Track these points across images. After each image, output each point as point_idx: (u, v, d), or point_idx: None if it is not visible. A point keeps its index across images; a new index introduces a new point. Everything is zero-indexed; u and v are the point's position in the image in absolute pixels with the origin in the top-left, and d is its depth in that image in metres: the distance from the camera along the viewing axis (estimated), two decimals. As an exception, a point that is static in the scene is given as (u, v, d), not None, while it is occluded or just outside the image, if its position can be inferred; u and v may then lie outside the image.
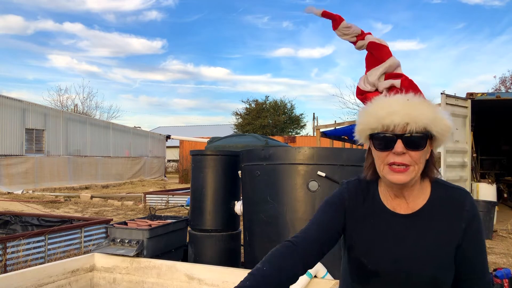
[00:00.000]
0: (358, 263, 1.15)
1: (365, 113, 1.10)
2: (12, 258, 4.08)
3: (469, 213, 1.10)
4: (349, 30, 1.17)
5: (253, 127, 28.09)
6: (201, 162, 3.76)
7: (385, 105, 1.06)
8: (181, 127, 47.83)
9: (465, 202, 1.11)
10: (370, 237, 1.15)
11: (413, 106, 1.04)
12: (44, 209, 9.97)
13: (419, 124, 1.03)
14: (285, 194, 2.88)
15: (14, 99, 15.34)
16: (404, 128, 1.03)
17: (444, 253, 1.08)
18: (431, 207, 1.12)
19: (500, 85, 26.08)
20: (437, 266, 1.07)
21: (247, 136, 6.70)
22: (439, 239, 1.09)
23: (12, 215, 5.93)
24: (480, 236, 1.11)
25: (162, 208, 9.28)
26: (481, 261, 1.11)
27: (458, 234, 1.09)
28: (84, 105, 34.05)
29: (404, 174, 1.05)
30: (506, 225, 7.82)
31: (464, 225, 1.09)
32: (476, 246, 1.10)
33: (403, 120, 1.02)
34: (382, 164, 1.08)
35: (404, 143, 1.03)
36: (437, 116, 1.06)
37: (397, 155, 1.04)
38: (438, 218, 1.11)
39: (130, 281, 3.14)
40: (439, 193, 1.13)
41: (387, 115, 1.04)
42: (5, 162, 14.54)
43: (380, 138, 1.06)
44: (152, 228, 3.38)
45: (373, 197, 1.18)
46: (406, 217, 1.12)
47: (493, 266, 5.09)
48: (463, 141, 7.86)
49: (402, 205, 1.14)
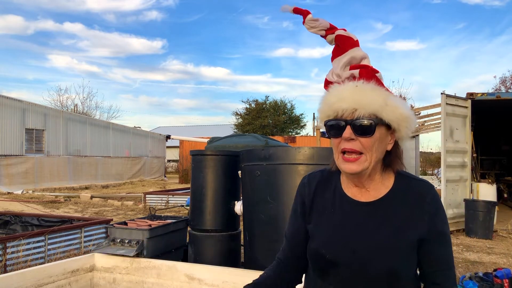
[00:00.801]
0: (318, 254, 1.14)
1: (321, 101, 1.13)
2: (12, 258, 4.08)
3: (431, 207, 1.09)
4: (316, 23, 1.18)
5: (253, 127, 28.09)
6: (201, 162, 3.76)
7: (336, 93, 1.08)
8: (181, 127, 47.84)
9: (427, 195, 1.10)
10: (330, 227, 1.15)
11: (362, 92, 1.05)
12: (44, 209, 9.97)
13: (367, 110, 1.03)
14: (285, 194, 2.88)
15: (14, 99, 15.34)
16: (353, 114, 1.04)
17: (403, 244, 1.06)
18: (392, 197, 1.11)
19: (500, 85, 26.10)
20: (394, 257, 1.05)
21: (247, 136, 6.70)
22: (397, 230, 1.07)
23: (12, 215, 5.93)
24: (444, 229, 1.11)
25: (162, 208, 9.28)
26: (445, 254, 1.10)
27: (420, 227, 1.08)
28: (84, 105, 34.09)
29: (355, 163, 1.05)
30: (506, 225, 7.82)
31: (427, 218, 1.08)
32: (440, 240, 1.09)
33: (350, 105, 1.03)
34: (337, 153, 1.09)
35: (352, 129, 1.04)
36: (389, 103, 1.05)
37: (346, 141, 1.05)
38: (398, 209, 1.10)
39: (130, 281, 3.14)
40: (402, 184, 1.13)
41: (337, 101, 1.06)
42: (5, 162, 14.54)
43: (331, 125, 1.08)
44: (152, 228, 3.38)
45: (334, 187, 1.19)
46: (366, 205, 1.12)
47: (493, 266, 5.09)
48: (463, 141, 7.86)
49: (363, 194, 1.14)
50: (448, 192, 7.45)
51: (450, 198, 7.50)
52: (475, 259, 5.52)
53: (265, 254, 2.96)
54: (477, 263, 5.30)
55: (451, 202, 7.50)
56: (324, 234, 1.15)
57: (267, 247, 2.95)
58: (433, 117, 11.39)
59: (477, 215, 6.94)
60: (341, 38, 1.18)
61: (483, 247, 6.28)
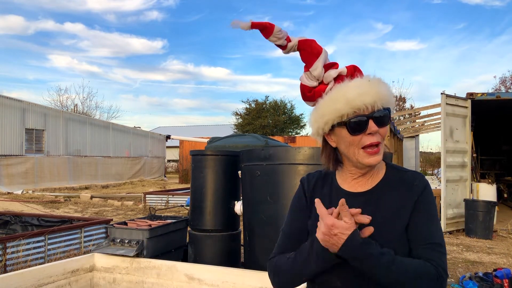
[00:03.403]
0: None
1: (330, 102, 1.12)
2: (12, 258, 4.08)
3: (418, 187, 1.14)
4: (282, 33, 1.20)
5: (253, 127, 28.07)
6: (201, 162, 3.76)
7: (352, 89, 1.09)
8: (181, 127, 47.83)
9: (415, 179, 1.16)
10: None
11: (377, 85, 1.09)
12: (44, 209, 9.97)
13: (383, 101, 1.08)
14: (285, 194, 2.88)
15: (14, 99, 15.34)
16: (373, 108, 1.08)
17: (397, 226, 1.10)
18: (385, 184, 1.17)
19: (500, 85, 26.13)
20: (389, 240, 1.08)
21: (247, 136, 6.71)
22: (388, 215, 1.12)
23: (12, 215, 5.93)
24: (430, 205, 1.14)
25: (162, 208, 9.28)
26: (430, 228, 1.11)
27: (409, 208, 1.12)
28: (84, 105, 34.10)
29: (378, 154, 1.11)
30: (506, 225, 7.82)
31: (416, 197, 1.13)
32: (425, 214, 1.12)
33: (373, 99, 1.07)
34: (357, 149, 1.11)
35: (374, 122, 1.08)
36: (391, 93, 1.13)
37: (372, 135, 1.09)
38: (390, 194, 1.15)
39: (130, 281, 3.14)
40: (392, 174, 1.19)
41: (357, 97, 1.07)
42: (5, 162, 14.54)
43: (354, 122, 1.08)
44: (152, 228, 3.38)
45: (331, 183, 1.24)
46: (361, 195, 1.17)
47: (493, 266, 5.09)
48: (463, 141, 7.86)
49: (358, 186, 1.18)
50: (448, 192, 7.45)
51: (450, 198, 7.50)
52: (475, 259, 5.52)
53: (265, 254, 2.96)
54: (477, 263, 5.30)
55: (451, 202, 7.50)
56: None
57: (267, 247, 2.95)
58: (433, 117, 11.41)
59: (477, 215, 6.94)
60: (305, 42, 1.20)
61: (483, 247, 6.28)
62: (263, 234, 3.01)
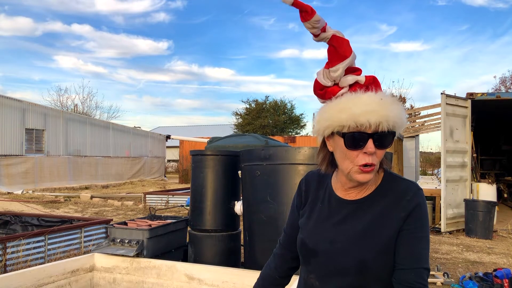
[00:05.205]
0: (303, 244, 1.23)
1: (336, 109, 1.09)
2: (12, 258, 4.08)
3: (410, 203, 1.10)
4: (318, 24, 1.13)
5: (253, 127, 28.07)
6: (201, 162, 3.76)
7: (360, 103, 1.06)
8: (181, 127, 47.81)
9: (408, 193, 1.12)
10: (315, 219, 1.23)
11: (388, 106, 1.05)
12: (44, 209, 9.97)
13: (390, 123, 1.04)
14: (285, 194, 2.88)
15: (14, 99, 15.33)
16: (377, 128, 1.04)
17: (376, 239, 1.09)
18: (376, 195, 1.16)
19: (500, 85, 26.11)
20: (365, 250, 1.09)
21: (247, 136, 6.69)
22: (373, 224, 1.11)
23: (12, 215, 5.93)
24: (420, 226, 1.10)
25: (162, 208, 9.28)
26: (416, 250, 1.08)
27: (396, 223, 1.09)
28: (84, 105, 34.01)
29: (371, 173, 1.09)
30: (506, 225, 7.82)
31: (404, 214, 1.09)
32: (413, 235, 1.09)
33: (378, 119, 1.03)
34: (351, 164, 1.09)
35: (374, 142, 1.05)
36: (403, 116, 1.08)
37: (368, 154, 1.06)
38: (378, 205, 1.13)
39: (130, 281, 3.14)
40: (387, 184, 1.16)
41: (363, 114, 1.03)
42: (5, 162, 14.54)
43: (353, 136, 1.06)
44: (152, 228, 3.38)
45: (326, 186, 1.26)
46: (351, 203, 1.17)
47: (493, 266, 5.09)
48: (463, 141, 7.86)
49: (351, 194, 1.18)
50: (448, 192, 7.45)
51: (450, 198, 7.50)
52: (475, 259, 5.53)
53: (265, 254, 2.96)
54: (477, 263, 5.30)
55: (451, 202, 7.50)
56: (310, 226, 1.23)
57: (267, 247, 2.95)
58: (433, 117, 11.39)
59: (477, 215, 6.94)
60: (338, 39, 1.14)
61: (483, 247, 6.28)
62: (263, 234, 3.01)
